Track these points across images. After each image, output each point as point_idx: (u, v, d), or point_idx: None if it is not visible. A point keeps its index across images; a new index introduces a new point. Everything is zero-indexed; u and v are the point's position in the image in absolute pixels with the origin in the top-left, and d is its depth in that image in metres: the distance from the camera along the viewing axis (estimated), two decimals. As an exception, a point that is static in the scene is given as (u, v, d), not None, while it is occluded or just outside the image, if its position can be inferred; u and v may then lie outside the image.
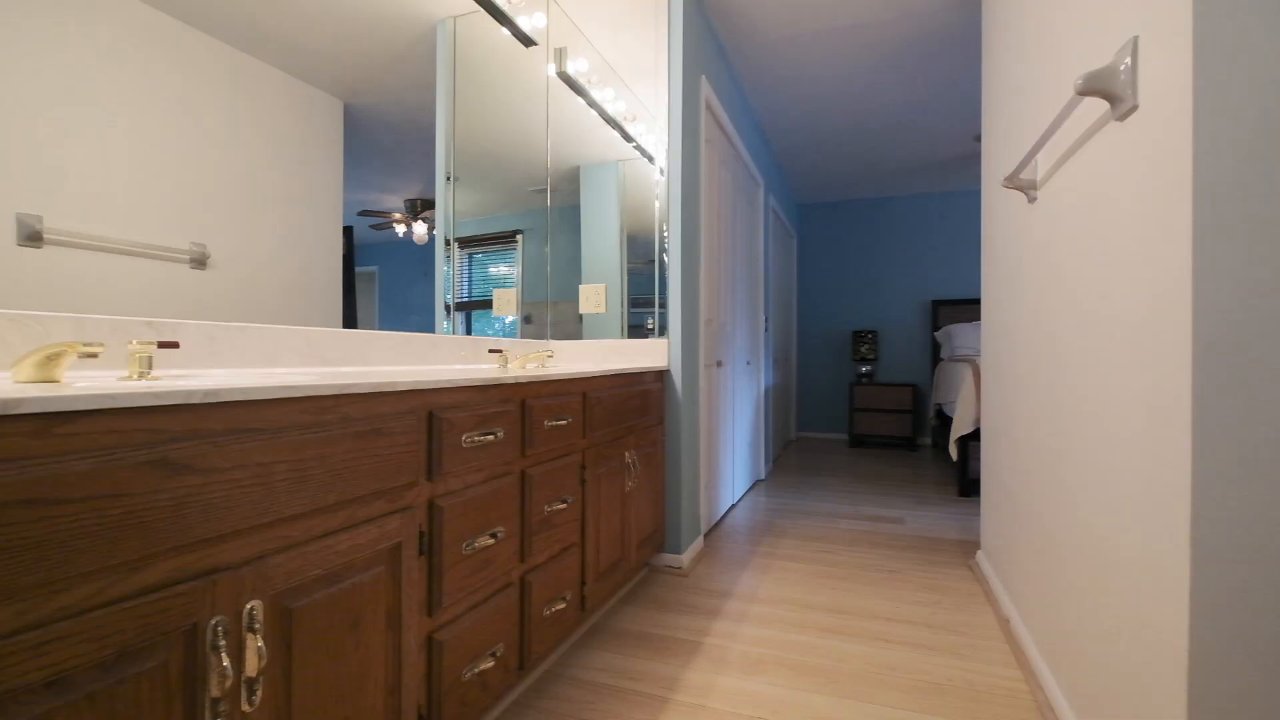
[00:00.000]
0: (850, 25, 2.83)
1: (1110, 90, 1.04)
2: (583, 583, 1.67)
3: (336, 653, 0.89)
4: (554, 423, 1.50)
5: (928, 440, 5.66)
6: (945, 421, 4.37)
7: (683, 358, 2.36)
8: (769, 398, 4.46)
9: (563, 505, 1.54)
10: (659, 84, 2.38)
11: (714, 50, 2.85)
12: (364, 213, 1.67)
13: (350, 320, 1.61)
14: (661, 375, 2.33)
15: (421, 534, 1.07)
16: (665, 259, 2.38)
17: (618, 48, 2.45)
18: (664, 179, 2.38)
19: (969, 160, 4.76)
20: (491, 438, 1.25)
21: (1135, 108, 1.00)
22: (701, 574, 2.31)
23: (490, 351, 1.85)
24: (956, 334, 4.91)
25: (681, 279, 2.35)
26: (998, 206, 2.06)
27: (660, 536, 2.29)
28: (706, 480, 2.76)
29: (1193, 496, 0.85)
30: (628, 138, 2.48)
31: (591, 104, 2.50)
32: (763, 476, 4.07)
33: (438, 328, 1.96)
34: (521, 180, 2.42)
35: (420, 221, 1.90)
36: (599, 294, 2.46)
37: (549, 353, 1.94)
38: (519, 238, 2.42)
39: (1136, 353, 1.01)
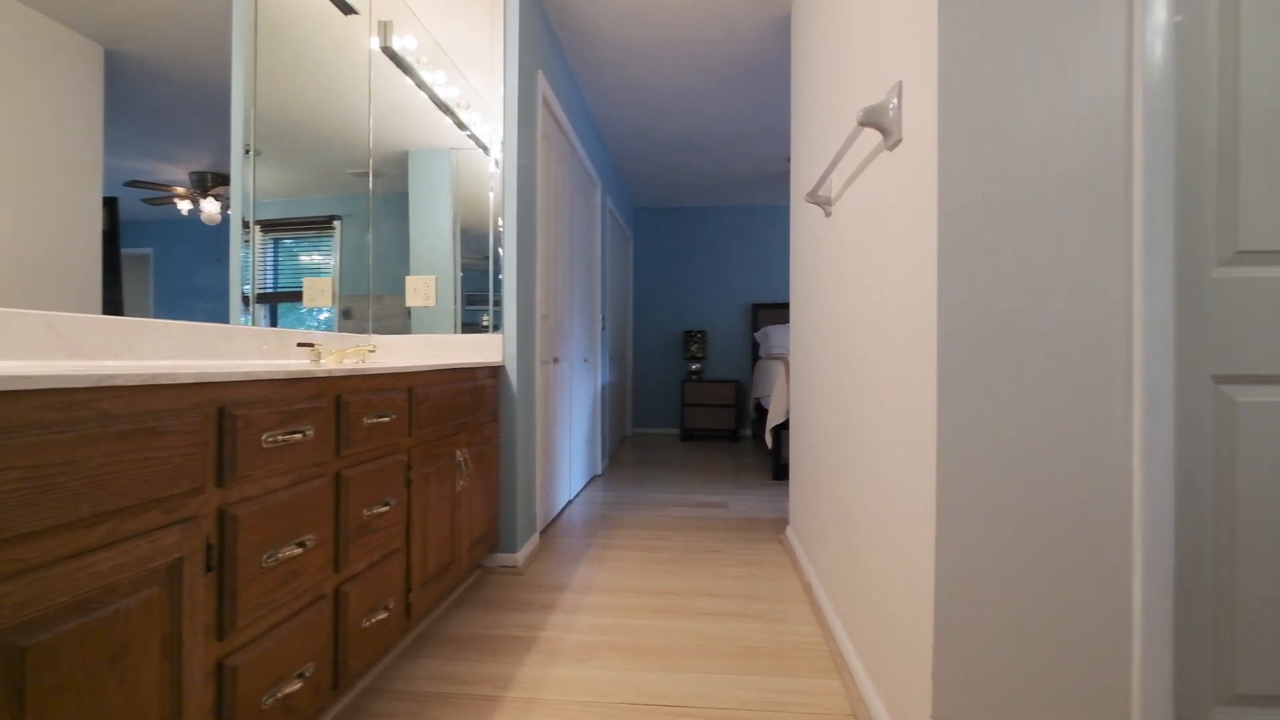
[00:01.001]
0: (684, 40, 3.00)
1: (883, 124, 1.23)
2: (408, 589, 1.58)
3: (92, 694, 0.75)
4: (375, 420, 1.40)
5: (749, 432, 6.19)
6: (763, 414, 4.82)
7: (518, 353, 2.33)
8: (606, 394, 4.57)
9: (385, 508, 1.44)
10: (494, 74, 2.33)
11: (551, 46, 2.85)
12: (133, 183, 1.41)
13: (114, 308, 1.36)
14: (496, 371, 2.28)
15: (210, 547, 0.94)
16: (501, 252, 2.33)
17: (450, 32, 2.35)
18: (499, 171, 2.34)
19: (785, 177, 5.31)
20: (300, 436, 1.13)
21: (901, 140, 1.20)
22: (537, 571, 2.30)
23: (300, 346, 1.67)
24: (773, 334, 5.44)
25: (517, 273, 2.32)
26: (803, 219, 2.33)
27: (494, 536, 2.24)
28: (543, 477, 2.76)
29: (938, 459, 1.04)
30: (461, 126, 2.39)
31: (421, 85, 2.37)
32: (599, 472, 4.16)
33: (233, 320, 1.72)
34: (340, 161, 2.22)
35: (211, 199, 1.65)
36: (428, 286, 2.34)
37: (371, 348, 1.80)
38: (337, 224, 2.21)
39: (905, 345, 1.21)
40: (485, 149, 2.37)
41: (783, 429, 3.93)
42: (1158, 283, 1.00)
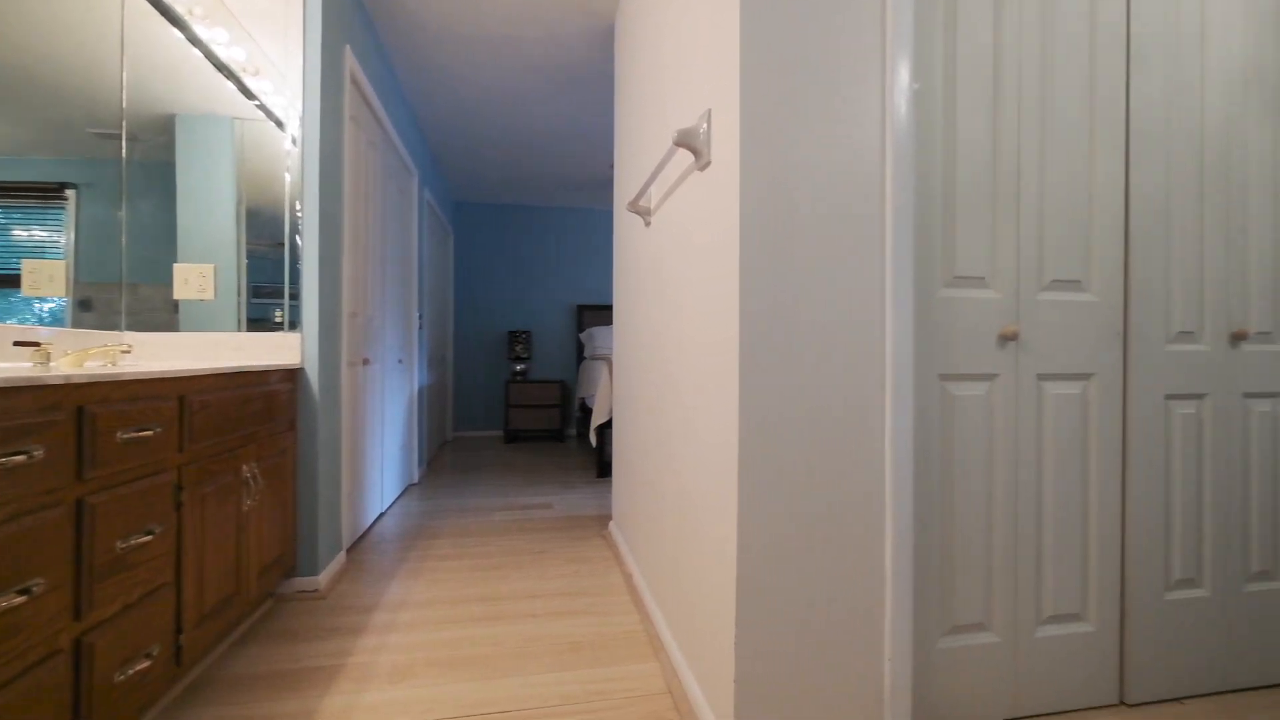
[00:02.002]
0: (504, 36, 2.95)
1: (695, 146, 1.34)
2: (178, 630, 1.35)
3: None
4: (134, 435, 1.18)
5: (574, 431, 6.28)
6: (588, 413, 4.92)
7: (321, 354, 2.11)
8: (424, 397, 4.32)
9: (148, 538, 1.21)
10: (291, 43, 2.08)
11: (362, 23, 2.62)
12: None
13: None
14: (294, 374, 2.04)
15: (-126, 609, 0.72)
16: (300, 241, 2.09)
17: (234, -17, 2.04)
18: (298, 150, 2.09)
19: (610, 183, 5.47)
20: (23, 459, 0.91)
21: (710, 162, 1.32)
22: (344, 592, 2.11)
23: (19, 345, 1.34)
24: (597, 335, 5.58)
25: (320, 265, 2.10)
26: (625, 227, 2.44)
27: (291, 558, 2.00)
28: (350, 489, 2.52)
29: (739, 449, 1.17)
30: (249, 94, 2.09)
31: (194, 41, 2.03)
32: (416, 479, 3.92)
33: (-90, 307, 1.32)
34: (78, 117, 1.82)
35: None
36: (204, 276, 2.01)
37: (124, 347, 1.51)
38: (70, 194, 1.81)
39: (711, 349, 1.32)
40: (280, 124, 2.10)
41: (606, 428, 4.05)
42: (902, 300, 1.23)
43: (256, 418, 1.73)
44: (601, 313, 6.23)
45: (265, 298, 2.08)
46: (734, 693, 1.16)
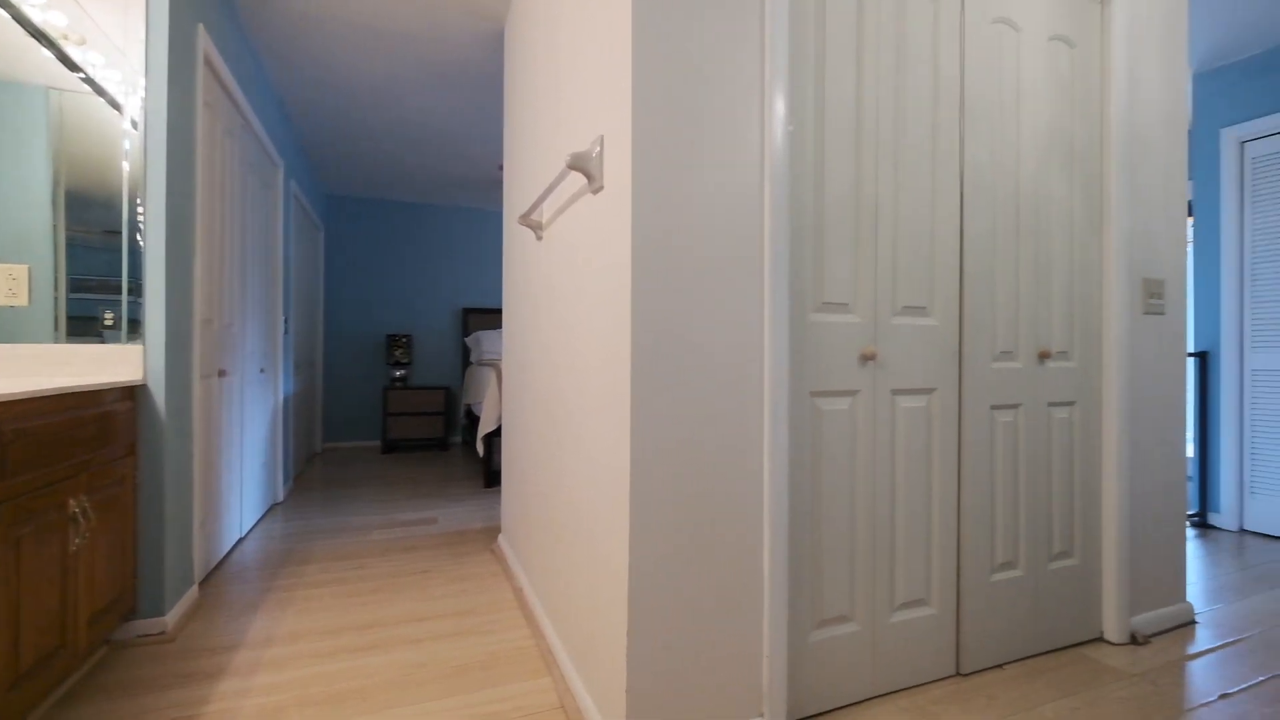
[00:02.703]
0: (387, 29, 2.80)
1: (588, 170, 1.37)
2: (-14, 698, 1.15)
3: None
4: (-76, 473, 0.99)
5: (459, 439, 6.05)
6: (474, 421, 4.77)
7: (169, 369, 1.88)
8: (289, 408, 3.98)
9: (-57, 594, 1.03)
10: (133, 17, 1.84)
11: (218, 1, 2.38)
12: None
13: None
14: (133, 392, 1.80)
15: None
16: (142, 240, 1.85)
17: (56, -60, 1.77)
18: (140, 134, 1.86)
19: (498, 184, 5.34)
20: None
21: (603, 187, 1.35)
22: (197, 632, 1.90)
23: None
24: (484, 339, 5.43)
25: (168, 267, 1.87)
26: (516, 236, 2.41)
27: (130, 599, 1.77)
28: (204, 515, 2.28)
29: (631, 461, 1.21)
30: (71, 65, 1.82)
31: None
32: (281, 498, 3.60)
33: None
34: None
35: None
36: (15, 279, 1.73)
37: (-92, 363, 1.26)
38: None
39: (604, 365, 1.36)
40: (117, 105, 1.85)
41: (495, 436, 3.96)
42: (779, 324, 1.34)
43: (89, 444, 1.52)
44: (489, 316, 6.06)
45: (92, 293, 1.81)
46: (626, 702, 1.20)
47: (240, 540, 2.80)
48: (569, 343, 1.61)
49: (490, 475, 3.98)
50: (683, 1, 1.25)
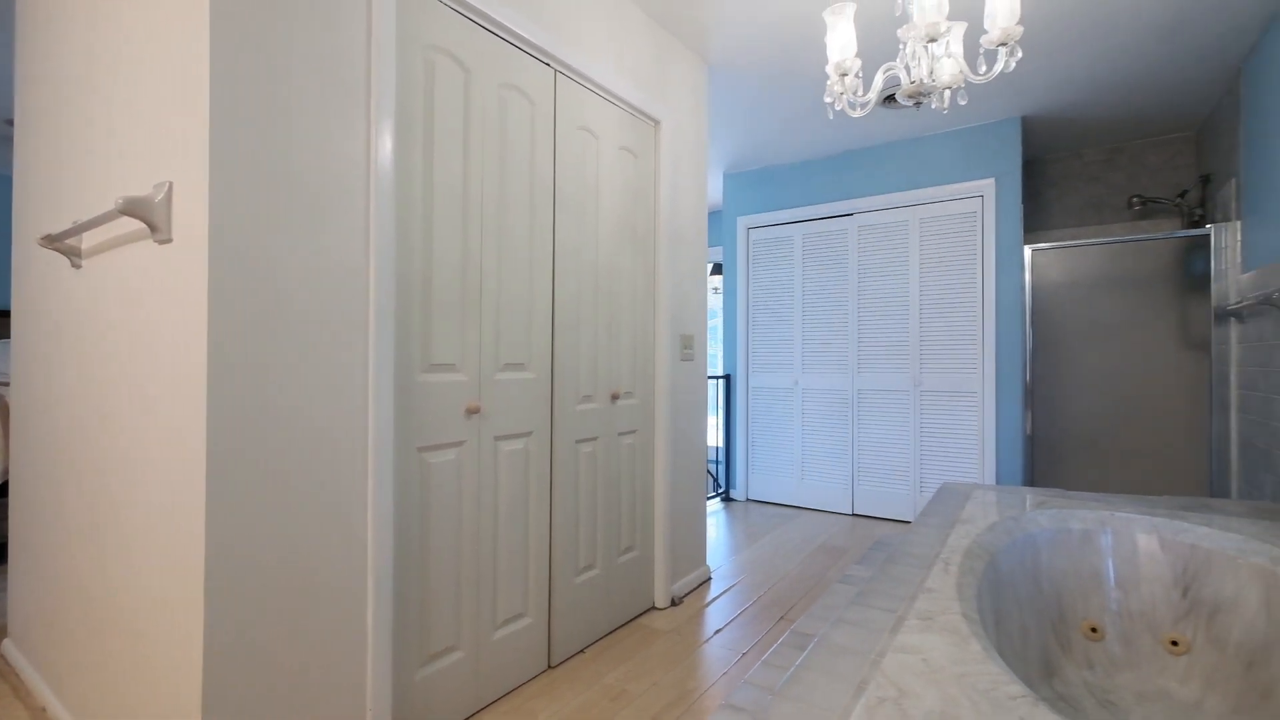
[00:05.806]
0: None
1: (150, 219, 1.19)
2: None
3: None
4: None
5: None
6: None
7: None
8: None
9: None
10: None
11: None
12: None
13: None
14: None
15: None
16: None
17: None
18: None
19: (6, 140, 3.86)
20: None
21: (171, 240, 1.20)
22: None
23: None
24: (-18, 355, 3.86)
25: None
26: (36, 255, 1.85)
27: None
28: None
29: (206, 539, 1.12)
30: None
31: None
32: None
33: None
34: None
35: None
36: None
37: None
38: None
39: (173, 432, 1.21)
40: None
41: (2, 494, 2.89)
42: (383, 386, 1.41)
43: None
44: (-6, 319, 4.34)
45: None
46: (200, 814, 1.10)
47: None
48: (131, 392, 1.36)
49: (-4, 548, 2.89)
50: (272, 60, 1.21)
